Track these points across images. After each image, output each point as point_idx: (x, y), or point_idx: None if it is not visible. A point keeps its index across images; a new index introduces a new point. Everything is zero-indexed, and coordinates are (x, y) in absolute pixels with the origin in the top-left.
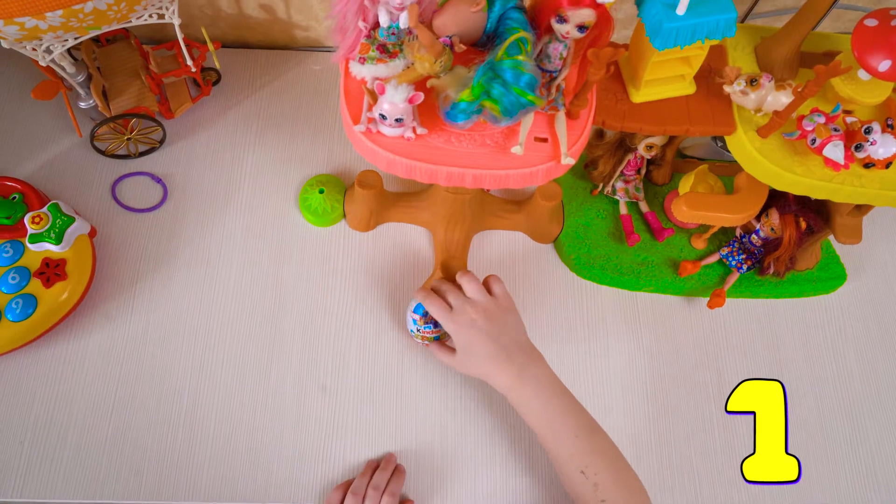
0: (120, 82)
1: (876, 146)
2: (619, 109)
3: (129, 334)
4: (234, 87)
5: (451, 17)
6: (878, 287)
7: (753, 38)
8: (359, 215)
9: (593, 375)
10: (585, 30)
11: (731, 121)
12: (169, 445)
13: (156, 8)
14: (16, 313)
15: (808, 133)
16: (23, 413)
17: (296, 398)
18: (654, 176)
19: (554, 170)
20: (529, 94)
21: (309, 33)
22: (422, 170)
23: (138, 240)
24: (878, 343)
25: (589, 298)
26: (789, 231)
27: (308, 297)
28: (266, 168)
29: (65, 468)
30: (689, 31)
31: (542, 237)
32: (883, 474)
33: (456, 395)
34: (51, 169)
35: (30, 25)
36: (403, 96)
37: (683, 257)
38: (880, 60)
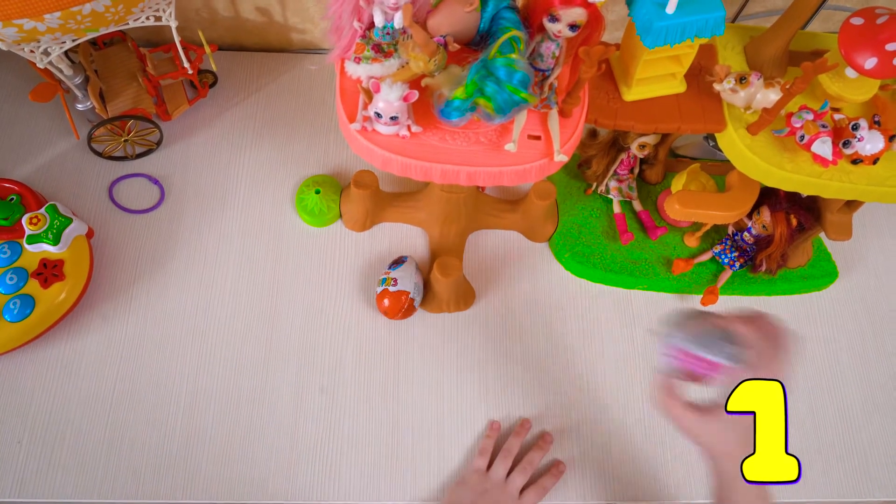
0: (117, 84)
1: (863, 142)
2: (611, 108)
3: (126, 334)
4: (231, 90)
5: (445, 16)
6: (868, 284)
7: (743, 38)
8: (355, 215)
9: (588, 373)
10: (577, 29)
11: (721, 118)
12: (167, 445)
13: (153, 10)
14: (14, 314)
15: (796, 130)
16: (21, 413)
17: (293, 397)
18: (647, 175)
19: (547, 167)
20: (522, 92)
21: (305, 36)
22: (417, 167)
23: (135, 241)
24: (870, 339)
25: (583, 296)
26: (780, 228)
27: (305, 297)
28: (262, 169)
29: (62, 468)
30: (678, 29)
31: (537, 236)
32: (876, 471)
33: (451, 395)
34: (48, 170)
35: (28, 27)
36: (398, 94)
37: (677, 255)
38: (866, 58)
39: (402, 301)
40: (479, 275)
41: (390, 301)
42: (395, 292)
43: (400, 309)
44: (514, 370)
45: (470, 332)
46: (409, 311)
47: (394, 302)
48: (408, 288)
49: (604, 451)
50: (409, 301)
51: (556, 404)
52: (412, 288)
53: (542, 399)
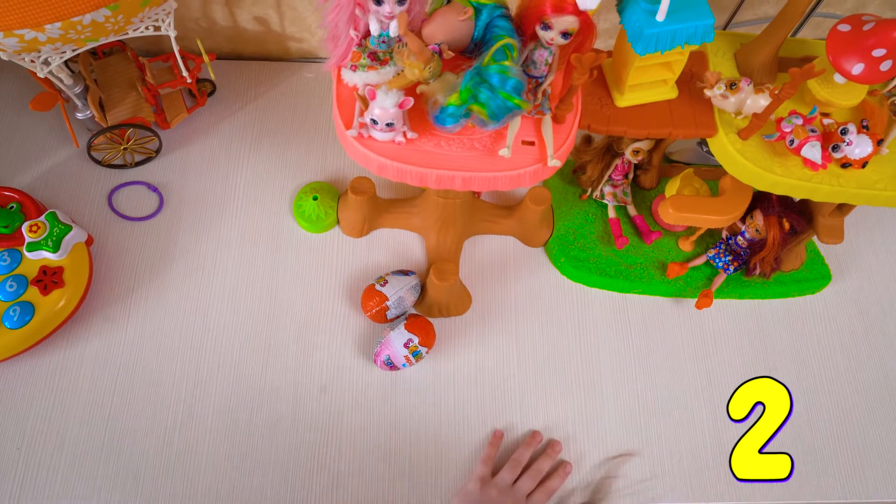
0: (116, 94)
1: (852, 146)
2: (603, 114)
3: (125, 341)
4: (229, 98)
5: (440, 25)
6: (862, 287)
7: (733, 45)
8: (352, 221)
9: (584, 376)
10: (569, 36)
11: (712, 124)
12: (165, 450)
13: (152, 20)
14: (13, 321)
15: (786, 134)
16: (20, 419)
17: (291, 403)
18: (641, 180)
19: (541, 172)
20: (515, 98)
21: (302, 45)
22: (412, 173)
23: (135, 248)
24: (863, 341)
25: (579, 300)
26: (773, 232)
27: (303, 302)
28: (260, 176)
29: (62, 474)
30: (668, 36)
31: (533, 241)
32: (870, 471)
33: (448, 400)
34: (48, 179)
35: (29, 37)
36: (394, 101)
37: (671, 259)
38: (854, 64)
39: (377, 302)
40: (475, 280)
41: (366, 296)
42: (378, 292)
43: (370, 308)
44: (511, 374)
45: (466, 337)
46: (379, 316)
47: (368, 298)
48: (390, 296)
49: (603, 451)
50: (382, 307)
51: (552, 408)
52: (394, 300)
53: (538, 403)
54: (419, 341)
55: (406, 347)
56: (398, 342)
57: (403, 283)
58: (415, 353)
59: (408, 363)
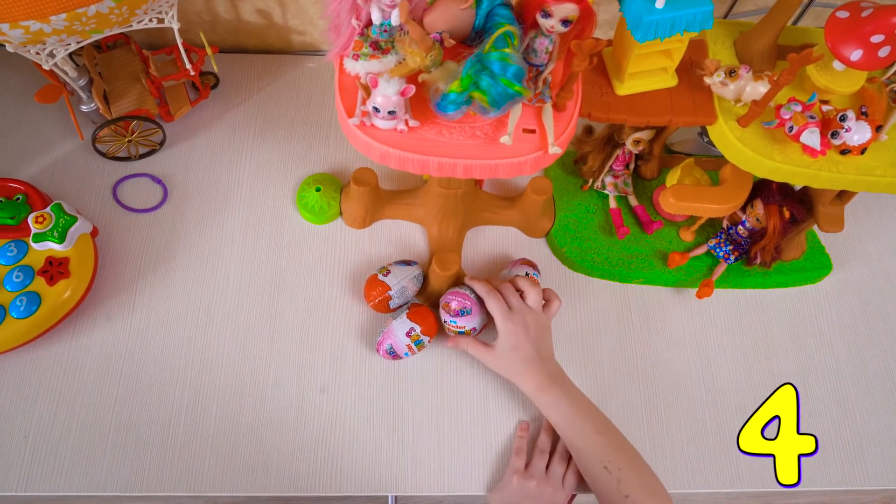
0: (121, 86)
1: (851, 133)
2: (604, 102)
3: (130, 331)
4: (232, 91)
5: (441, 13)
6: (863, 276)
7: (733, 33)
8: (354, 212)
9: (586, 365)
10: (569, 24)
11: (712, 111)
12: (170, 439)
13: (156, 12)
14: (20, 311)
15: (785, 121)
16: (27, 408)
17: (295, 393)
18: (642, 170)
19: (542, 159)
20: (516, 85)
21: (305, 37)
22: (414, 161)
23: (139, 239)
24: (864, 330)
25: (580, 290)
26: (774, 221)
27: (306, 293)
28: (264, 168)
29: (68, 462)
30: (668, 23)
31: (534, 231)
32: (871, 460)
33: (451, 391)
34: (53, 170)
35: (34, 29)
36: (396, 89)
37: (672, 249)
38: (852, 50)
39: (380, 292)
40: (477, 270)
41: (369, 286)
42: (381, 282)
43: (373, 298)
44: None
45: None
46: (381, 306)
47: (371, 288)
48: (393, 285)
49: None
50: (385, 297)
51: None
52: (397, 290)
53: None
54: (421, 330)
55: (408, 336)
56: (400, 331)
57: (406, 274)
58: (417, 342)
59: (410, 352)
